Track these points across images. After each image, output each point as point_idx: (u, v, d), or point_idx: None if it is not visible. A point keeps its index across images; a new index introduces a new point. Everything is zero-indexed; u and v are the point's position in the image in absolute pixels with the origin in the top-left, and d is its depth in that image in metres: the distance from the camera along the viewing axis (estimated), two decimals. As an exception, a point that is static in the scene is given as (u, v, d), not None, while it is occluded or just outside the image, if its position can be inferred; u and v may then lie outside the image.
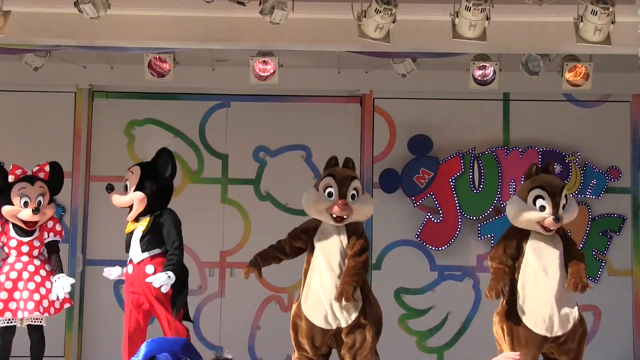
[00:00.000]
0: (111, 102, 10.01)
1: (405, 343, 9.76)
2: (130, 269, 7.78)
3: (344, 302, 7.29)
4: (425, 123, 9.93)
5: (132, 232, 7.82)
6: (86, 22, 6.98)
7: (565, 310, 7.28)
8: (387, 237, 9.81)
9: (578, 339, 7.36)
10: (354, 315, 7.39)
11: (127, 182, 7.88)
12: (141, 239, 7.73)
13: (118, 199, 7.92)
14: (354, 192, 7.58)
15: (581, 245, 9.58)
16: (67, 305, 7.97)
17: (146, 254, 7.70)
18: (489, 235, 9.76)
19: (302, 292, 7.55)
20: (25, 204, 7.84)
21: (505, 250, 7.45)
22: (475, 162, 9.85)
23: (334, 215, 7.51)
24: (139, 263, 7.72)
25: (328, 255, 7.51)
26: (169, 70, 8.75)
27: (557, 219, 7.31)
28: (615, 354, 9.65)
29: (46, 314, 7.79)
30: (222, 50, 8.73)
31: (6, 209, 7.85)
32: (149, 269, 7.66)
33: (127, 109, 9.98)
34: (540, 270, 7.34)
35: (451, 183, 9.81)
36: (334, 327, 7.39)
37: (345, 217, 7.49)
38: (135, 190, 7.79)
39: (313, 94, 10.00)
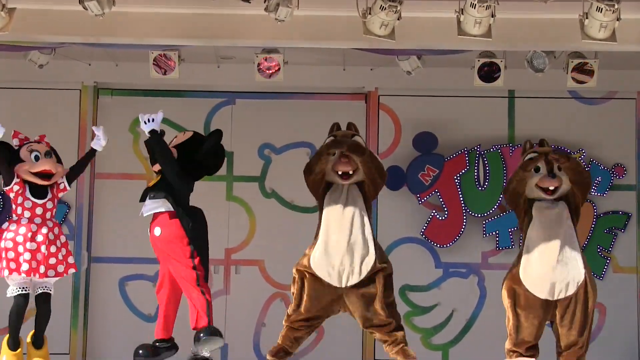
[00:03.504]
0: (116, 100, 10.02)
1: (411, 340, 9.63)
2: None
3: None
4: (431, 120, 9.92)
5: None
6: (91, 19, 7.00)
7: (569, 274, 7.31)
8: (392, 234, 9.79)
9: (582, 305, 7.34)
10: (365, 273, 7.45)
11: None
12: (150, 190, 7.86)
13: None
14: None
15: (586, 243, 9.56)
16: (71, 271, 7.92)
17: (153, 205, 7.77)
18: (494, 233, 9.76)
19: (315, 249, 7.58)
20: (36, 158, 7.83)
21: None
22: (481, 159, 9.84)
23: (339, 172, 7.53)
24: (150, 223, 7.80)
25: (343, 212, 7.54)
26: (174, 67, 8.76)
27: (552, 175, 7.39)
28: (620, 351, 9.64)
29: (56, 279, 7.78)
30: (227, 47, 8.74)
31: (19, 165, 7.77)
32: (156, 231, 7.69)
33: (132, 106, 9.95)
34: (544, 235, 7.37)
35: (456, 180, 9.81)
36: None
37: (350, 172, 7.50)
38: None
39: (318, 91, 9.99)
